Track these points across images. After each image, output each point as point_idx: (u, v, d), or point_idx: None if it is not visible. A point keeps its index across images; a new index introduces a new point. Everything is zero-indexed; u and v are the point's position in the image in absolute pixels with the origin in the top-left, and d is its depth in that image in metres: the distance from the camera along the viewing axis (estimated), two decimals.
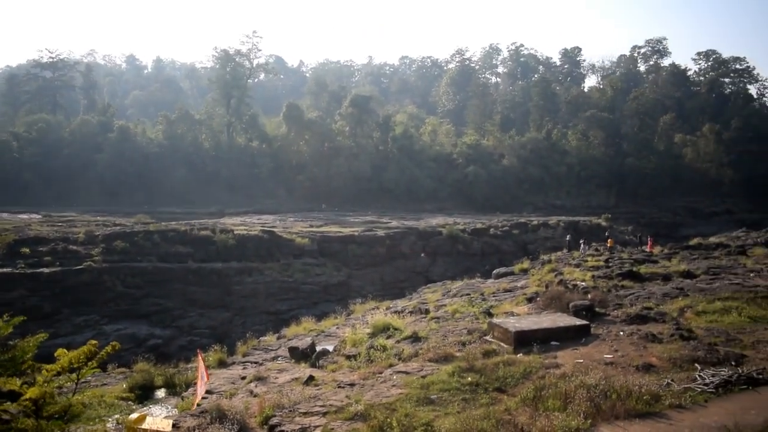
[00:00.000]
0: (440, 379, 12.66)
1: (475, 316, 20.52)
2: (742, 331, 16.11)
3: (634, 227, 70.46)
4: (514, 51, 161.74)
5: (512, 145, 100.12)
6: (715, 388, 11.00)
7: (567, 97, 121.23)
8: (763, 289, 22.75)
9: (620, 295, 22.73)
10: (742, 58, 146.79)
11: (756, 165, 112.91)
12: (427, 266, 52.73)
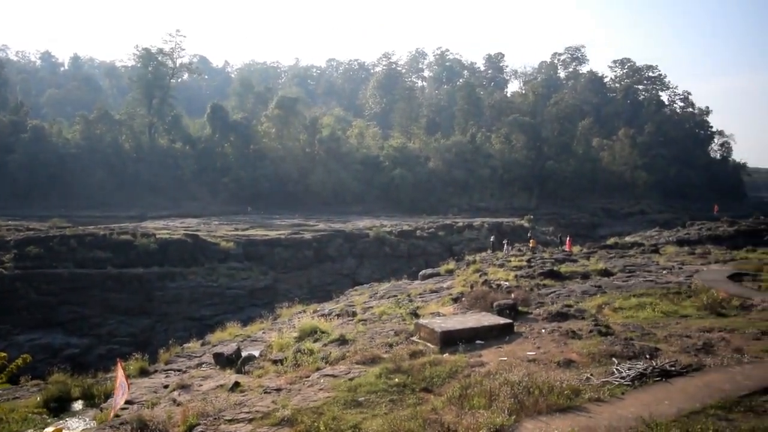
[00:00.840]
0: (367, 381, 12.67)
1: (402, 317, 20.65)
2: (656, 325, 16.85)
3: (555, 228, 72.71)
4: (439, 55, 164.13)
5: (438, 148, 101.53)
6: (631, 381, 11.44)
7: (491, 102, 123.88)
8: (675, 285, 23.90)
9: (542, 293, 23.39)
10: (654, 66, 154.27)
11: (667, 168, 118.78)
12: (354, 268, 52.78)
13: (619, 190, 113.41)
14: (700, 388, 10.92)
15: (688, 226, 63.03)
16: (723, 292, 21.15)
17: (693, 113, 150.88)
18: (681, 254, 39.09)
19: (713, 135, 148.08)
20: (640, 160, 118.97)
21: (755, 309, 18.84)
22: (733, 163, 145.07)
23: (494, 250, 44.85)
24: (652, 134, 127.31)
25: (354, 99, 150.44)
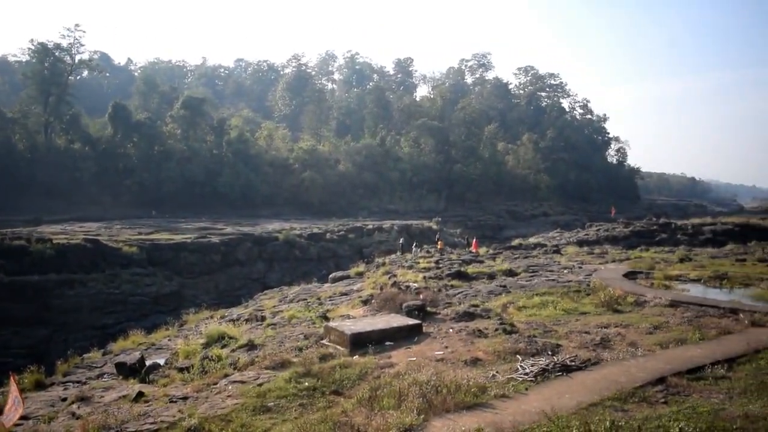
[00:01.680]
0: (277, 386, 12.51)
1: (312, 320, 20.52)
2: (557, 322, 17.51)
3: (462, 230, 74.39)
4: (349, 58, 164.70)
5: (348, 151, 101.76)
6: (534, 376, 11.82)
7: (400, 105, 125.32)
8: (575, 284, 24.95)
9: (450, 294, 23.84)
10: (556, 74, 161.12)
11: (568, 171, 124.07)
12: (263, 272, 52.06)
13: (523, 193, 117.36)
14: (598, 381, 11.42)
15: (588, 227, 65.94)
16: (619, 289, 22.25)
17: (591, 120, 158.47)
18: (581, 254, 40.89)
19: (610, 141, 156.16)
20: (542, 164, 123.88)
21: (648, 305, 19.93)
22: (628, 167, 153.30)
23: (403, 252, 45.36)
24: (553, 139, 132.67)
25: (263, 100, 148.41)
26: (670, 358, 13.03)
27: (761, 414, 9.15)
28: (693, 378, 11.58)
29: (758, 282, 26.07)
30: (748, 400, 10.11)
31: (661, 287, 24.33)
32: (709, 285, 26.21)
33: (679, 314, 18.28)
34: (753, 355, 13.12)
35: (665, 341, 14.72)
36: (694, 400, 10.23)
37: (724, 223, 66.09)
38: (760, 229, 63.02)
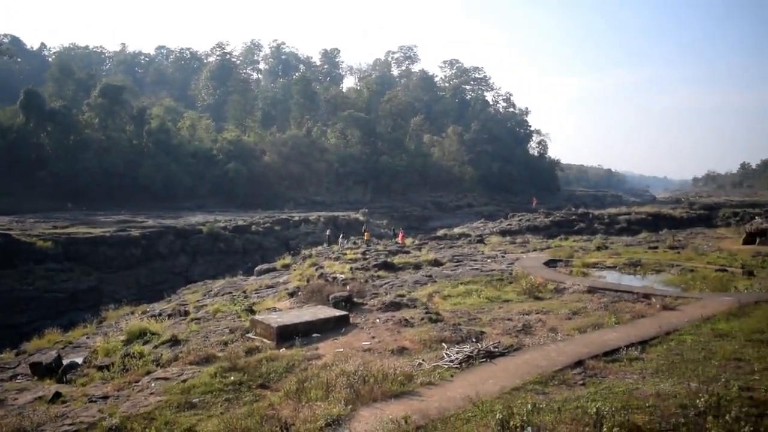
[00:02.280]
0: (202, 381, 12.30)
1: (237, 314, 20.25)
2: (481, 310, 17.92)
3: (389, 221, 74.87)
4: (275, 48, 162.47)
5: (273, 142, 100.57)
6: (459, 363, 12.07)
7: (326, 96, 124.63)
8: (498, 272, 25.58)
9: (376, 284, 24.01)
10: (480, 68, 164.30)
11: (491, 163, 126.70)
12: (186, 266, 50.93)
13: (448, 184, 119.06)
14: (521, 366, 11.77)
15: (510, 217, 67.57)
16: (540, 277, 22.95)
17: (514, 113, 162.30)
18: (503, 243, 41.90)
19: (532, 134, 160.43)
20: (467, 155, 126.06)
21: (567, 292, 20.66)
22: (549, 159, 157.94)
23: (330, 243, 45.32)
24: (477, 132, 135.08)
25: (186, 89, 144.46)
26: (588, 342, 13.56)
27: (672, 392, 9.66)
28: (609, 360, 12.10)
29: (669, 268, 27.44)
30: (660, 379, 10.65)
31: (580, 274, 25.26)
32: (624, 271, 27.40)
33: (596, 300, 19.04)
34: (664, 337, 13.82)
35: (583, 326, 15.30)
36: (611, 381, 10.69)
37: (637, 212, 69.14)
38: (671, 218, 66.29)
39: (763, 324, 14.36)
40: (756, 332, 13.70)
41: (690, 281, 23.36)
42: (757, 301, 17.42)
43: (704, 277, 23.97)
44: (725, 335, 13.75)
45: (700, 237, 46.53)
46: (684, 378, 10.53)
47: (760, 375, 10.56)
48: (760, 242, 37.11)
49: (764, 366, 11.05)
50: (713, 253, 33.64)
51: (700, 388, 9.47)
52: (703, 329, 14.47)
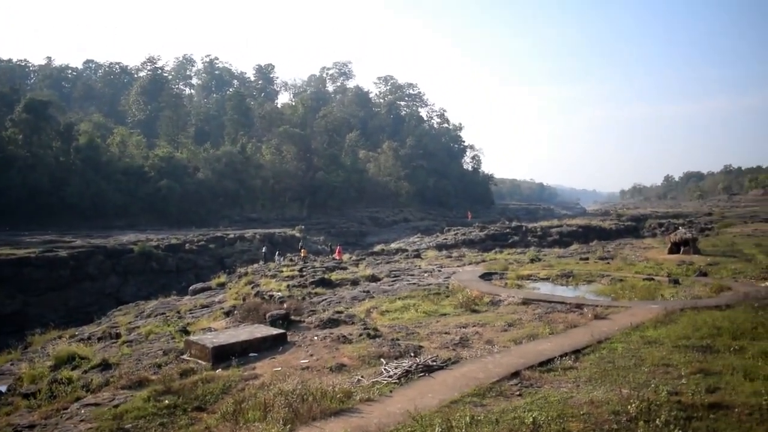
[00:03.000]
0: (135, 406, 11.90)
1: (171, 335, 19.74)
2: (419, 325, 18.02)
3: (326, 237, 74.62)
4: (208, 63, 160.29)
5: (207, 159, 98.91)
6: (398, 378, 12.08)
7: (261, 112, 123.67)
8: (435, 286, 25.81)
9: (314, 301, 23.84)
10: (414, 84, 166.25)
11: (427, 178, 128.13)
12: (117, 287, 49.36)
13: (384, 200, 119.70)
14: (458, 379, 11.87)
15: (446, 231, 68.45)
16: (476, 290, 23.29)
17: (448, 128, 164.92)
18: (440, 258, 42.36)
19: (466, 149, 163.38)
20: (402, 171, 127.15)
21: (503, 304, 21.00)
22: (483, 174, 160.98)
23: (266, 261, 44.85)
24: (412, 147, 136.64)
25: (115, 105, 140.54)
26: (524, 353, 13.81)
27: (604, 399, 9.94)
28: (544, 370, 12.35)
29: (599, 278, 28.29)
30: (593, 387, 10.94)
31: (514, 287, 25.75)
32: (557, 283, 28.09)
33: (530, 311, 19.43)
34: (596, 345, 14.21)
35: (519, 337, 15.58)
36: (546, 391, 10.91)
37: (569, 225, 71.18)
38: (600, 229, 68.49)
39: (688, 330, 14.94)
40: (682, 338, 14.25)
41: (619, 291, 24.14)
42: (682, 308, 18.12)
43: (633, 286, 24.82)
44: (654, 342, 14.25)
45: (628, 247, 48.16)
46: (616, 385, 10.84)
47: (687, 379, 10.99)
48: (684, 251, 38.72)
49: (691, 371, 11.50)
50: (641, 263, 34.89)
51: (631, 394, 9.78)
52: (633, 337, 14.96)
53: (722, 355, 12.67)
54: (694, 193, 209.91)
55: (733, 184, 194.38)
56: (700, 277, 27.80)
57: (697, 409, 9.33)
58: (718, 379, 10.91)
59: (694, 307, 18.15)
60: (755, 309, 17.02)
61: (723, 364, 11.85)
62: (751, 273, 28.52)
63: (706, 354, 12.91)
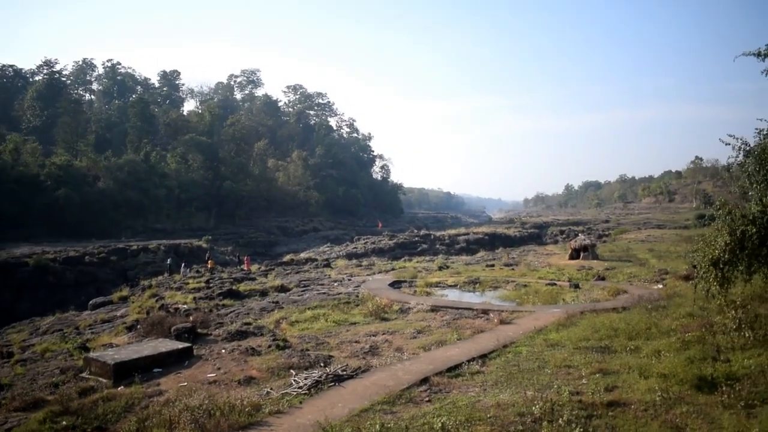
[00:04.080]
0: (29, 429, 11.28)
1: (69, 352, 18.83)
2: (329, 334, 17.99)
3: (234, 247, 73.12)
4: (110, 68, 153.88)
5: (109, 167, 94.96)
6: (308, 389, 12.01)
7: (166, 120, 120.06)
8: (345, 295, 25.81)
9: (221, 313, 23.38)
10: (324, 94, 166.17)
11: (336, 187, 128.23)
12: (10, 303, 46.54)
13: (293, 209, 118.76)
14: (369, 388, 11.92)
15: (356, 240, 68.72)
16: (385, 298, 23.47)
17: (358, 138, 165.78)
18: (350, 267, 42.44)
19: (375, 158, 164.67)
20: (312, 180, 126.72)
21: (412, 311, 21.27)
22: (392, 183, 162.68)
23: (172, 272, 43.57)
24: (322, 156, 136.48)
25: (8, 110, 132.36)
26: (433, 359, 14.03)
27: (510, 401, 10.26)
28: (453, 375, 12.61)
29: (505, 284, 29.17)
30: (500, 390, 11.27)
31: (423, 294, 26.15)
32: (464, 289, 28.76)
33: (439, 318, 19.78)
34: (502, 349, 14.65)
35: (428, 344, 15.83)
36: (454, 396, 11.14)
37: (475, 233, 73.09)
38: (505, 237, 70.72)
39: (588, 332, 15.63)
40: (582, 340, 14.89)
41: (524, 296, 24.97)
42: (582, 311, 18.93)
43: (536, 291, 25.73)
44: (556, 344, 14.82)
45: (531, 254, 49.91)
46: (521, 387, 11.21)
47: (588, 379, 11.49)
48: (584, 257, 40.51)
49: (591, 371, 12.03)
50: (543, 269, 36.23)
51: (536, 395, 10.14)
52: (537, 340, 15.50)
53: (619, 355, 13.32)
54: (593, 201, 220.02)
55: (628, 192, 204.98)
56: (599, 281, 29.16)
57: (597, 407, 9.78)
58: (616, 378, 11.47)
59: (593, 310, 19.00)
60: (648, 310, 17.99)
61: (620, 363, 12.47)
62: (645, 276, 30.18)
63: (605, 354, 13.54)
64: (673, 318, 16.39)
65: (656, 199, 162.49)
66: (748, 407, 9.13)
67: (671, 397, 9.93)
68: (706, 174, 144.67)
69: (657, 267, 33.79)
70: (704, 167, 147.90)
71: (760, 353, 11.89)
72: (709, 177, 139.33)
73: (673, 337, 14.15)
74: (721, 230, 11.52)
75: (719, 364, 11.42)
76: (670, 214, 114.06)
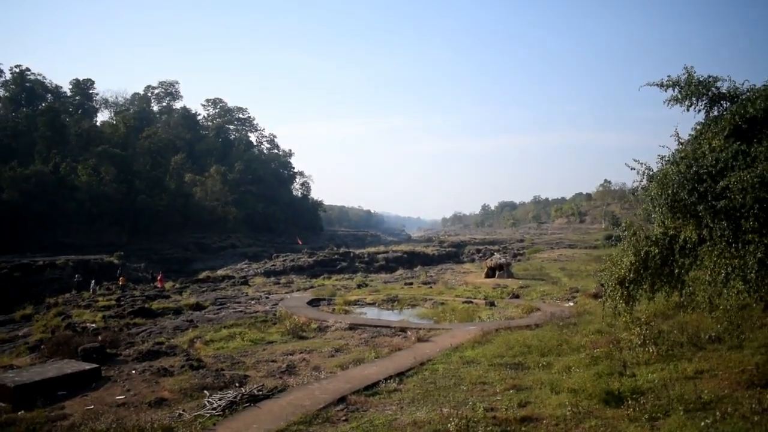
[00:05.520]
0: None
1: None
2: (245, 353, 17.65)
3: (147, 264, 70.85)
4: (18, 74, 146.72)
5: (14, 178, 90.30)
6: (222, 410, 11.72)
7: (78, 130, 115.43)
8: (262, 314, 25.45)
9: (133, 333, 22.56)
10: (244, 109, 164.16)
11: (256, 204, 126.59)
12: None
13: (211, 225, 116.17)
14: (285, 407, 11.75)
15: (275, 258, 67.89)
16: (303, 317, 23.29)
17: (278, 154, 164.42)
18: (268, 284, 41.91)
19: (295, 175, 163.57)
20: (230, 196, 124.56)
21: (330, 330, 21.17)
22: (312, 200, 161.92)
23: (80, 290, 41.78)
24: (241, 172, 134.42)
25: None
26: (350, 378, 13.98)
27: (426, 419, 10.33)
28: (370, 394, 12.60)
29: (423, 302, 29.49)
30: (416, 407, 11.34)
31: (342, 312, 26.11)
32: (383, 307, 28.90)
33: (357, 336, 19.77)
34: (419, 367, 14.76)
35: (345, 362, 15.77)
36: (371, 414, 11.12)
37: (395, 251, 73.63)
38: (424, 255, 71.59)
39: (502, 349, 15.98)
40: (497, 357, 15.21)
41: (441, 314, 25.32)
42: (497, 328, 19.35)
43: (453, 309, 26.13)
44: (472, 361, 15.07)
45: (449, 272, 50.73)
46: (437, 404, 11.32)
47: (502, 395, 11.74)
48: (499, 275, 41.50)
49: (505, 387, 12.30)
50: (460, 287, 36.88)
51: (451, 412, 10.26)
52: (453, 357, 15.72)
53: (532, 371, 13.67)
54: (508, 221, 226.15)
55: (542, 213, 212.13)
56: (513, 299, 29.92)
57: (511, 423, 9.99)
58: (529, 394, 11.76)
59: (508, 328, 19.46)
60: (560, 327, 18.60)
61: (533, 379, 12.80)
62: (557, 294, 31.20)
63: (518, 371, 13.88)
64: (583, 335, 16.99)
65: (568, 219, 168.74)
66: (652, 420, 9.53)
67: (581, 411, 10.25)
68: (614, 196, 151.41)
69: (568, 285, 35.01)
70: (613, 190, 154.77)
71: (663, 368, 12.48)
72: (617, 199, 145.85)
73: (582, 353, 14.67)
74: (627, 251, 12.04)
75: (625, 379, 11.90)
76: (581, 234, 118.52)
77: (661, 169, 11.29)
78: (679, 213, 10.60)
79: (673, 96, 11.73)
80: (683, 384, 11.24)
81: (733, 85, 11.56)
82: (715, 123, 11.33)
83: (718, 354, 12.94)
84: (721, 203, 9.65)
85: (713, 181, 10.00)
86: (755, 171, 9.45)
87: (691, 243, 10.71)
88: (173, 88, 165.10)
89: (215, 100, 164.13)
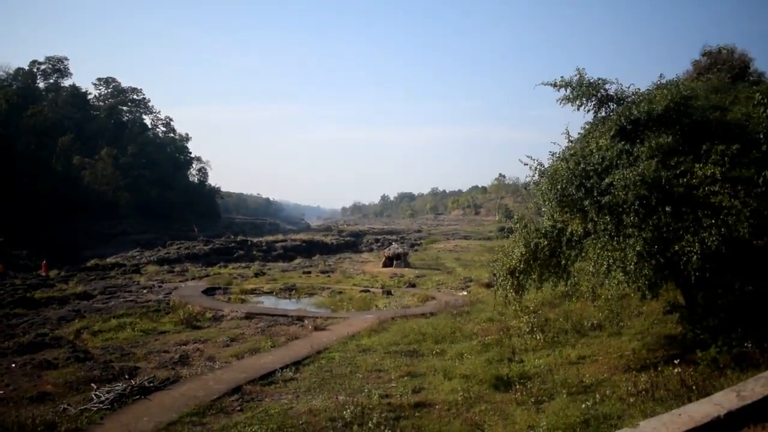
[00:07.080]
0: None
1: None
2: (136, 344, 17.07)
3: (30, 250, 66.87)
4: None
5: None
6: (111, 403, 11.27)
7: None
8: (155, 303, 24.69)
9: (12, 324, 21.28)
10: (139, 90, 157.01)
11: (149, 189, 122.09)
12: None
13: (101, 210, 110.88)
14: (177, 399, 11.47)
15: (169, 245, 65.83)
16: (198, 306, 22.79)
17: (174, 138, 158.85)
18: (161, 273, 40.66)
19: (192, 160, 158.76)
20: (123, 180, 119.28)
21: (225, 319, 20.83)
22: (209, 187, 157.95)
23: None
24: (135, 155, 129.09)
25: None
26: (246, 368, 13.83)
27: (322, 407, 10.40)
28: (266, 383, 12.51)
29: (320, 291, 29.53)
30: (312, 396, 11.38)
31: (238, 301, 25.75)
32: (280, 296, 28.71)
33: (253, 325, 19.55)
34: (315, 356, 14.79)
35: (241, 352, 15.57)
36: (267, 404, 11.06)
37: (293, 240, 73.23)
38: (323, 244, 71.57)
39: (397, 337, 16.27)
40: (392, 344, 15.48)
41: (338, 302, 25.46)
42: (393, 317, 19.68)
43: (351, 298, 26.34)
44: (368, 349, 15.26)
45: (347, 261, 51.01)
46: (333, 392, 11.40)
47: (397, 382, 11.98)
48: (396, 265, 42.14)
49: (399, 374, 12.55)
50: (358, 276, 37.20)
51: (347, 400, 10.37)
52: (350, 346, 15.85)
53: (426, 358, 14.02)
54: (407, 211, 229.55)
55: (439, 204, 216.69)
56: (410, 288, 30.50)
57: (405, 409, 10.22)
58: (423, 380, 12.06)
59: (404, 316, 19.83)
60: (454, 316, 19.14)
61: (427, 366, 13.13)
62: (452, 284, 32.07)
63: (413, 358, 14.20)
64: (475, 323, 17.56)
65: (464, 211, 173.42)
66: (538, 403, 10.01)
67: (472, 396, 10.62)
68: (508, 190, 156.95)
69: (462, 275, 36.03)
70: (507, 184, 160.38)
71: (549, 354, 13.12)
72: (511, 193, 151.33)
73: (474, 340, 15.18)
74: (518, 242, 12.50)
75: (514, 365, 12.43)
76: (476, 226, 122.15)
77: (551, 165, 11.78)
78: (567, 207, 11.11)
79: (565, 96, 12.24)
80: (567, 369, 11.86)
81: (620, 88, 12.23)
82: (603, 123, 11.97)
83: (599, 340, 13.72)
84: (605, 199, 10.20)
85: (599, 177, 10.54)
86: (637, 169, 10.06)
87: (577, 236, 11.25)
88: (62, 64, 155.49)
89: (108, 79, 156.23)
